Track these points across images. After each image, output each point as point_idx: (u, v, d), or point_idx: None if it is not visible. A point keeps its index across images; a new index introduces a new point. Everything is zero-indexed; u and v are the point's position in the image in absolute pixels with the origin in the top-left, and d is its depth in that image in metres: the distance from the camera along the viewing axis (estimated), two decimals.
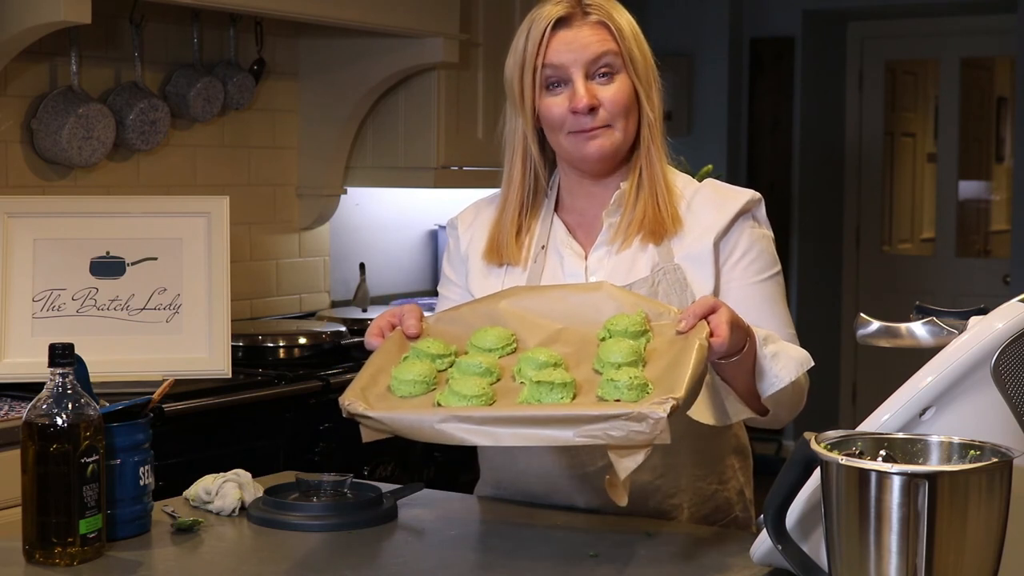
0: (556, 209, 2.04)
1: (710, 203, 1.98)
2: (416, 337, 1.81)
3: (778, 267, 2.00)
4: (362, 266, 4.21)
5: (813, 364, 1.89)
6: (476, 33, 4.09)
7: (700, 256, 1.94)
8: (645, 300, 1.80)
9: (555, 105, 1.95)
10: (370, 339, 1.84)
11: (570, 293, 1.83)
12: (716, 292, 1.94)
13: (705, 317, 1.70)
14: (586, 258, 1.99)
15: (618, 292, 1.81)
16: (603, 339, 1.73)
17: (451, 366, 1.72)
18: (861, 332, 1.71)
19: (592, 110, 1.92)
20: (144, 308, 3.06)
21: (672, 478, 1.96)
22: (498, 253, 2.02)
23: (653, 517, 1.94)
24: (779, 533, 1.49)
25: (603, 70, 1.94)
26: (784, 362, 1.82)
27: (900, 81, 7.05)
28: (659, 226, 1.95)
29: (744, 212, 1.97)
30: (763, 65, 6.28)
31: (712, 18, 6.09)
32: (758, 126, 6.31)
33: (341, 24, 3.60)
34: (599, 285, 1.83)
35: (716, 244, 1.95)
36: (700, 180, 2.06)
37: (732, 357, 1.76)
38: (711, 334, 1.67)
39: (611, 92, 1.94)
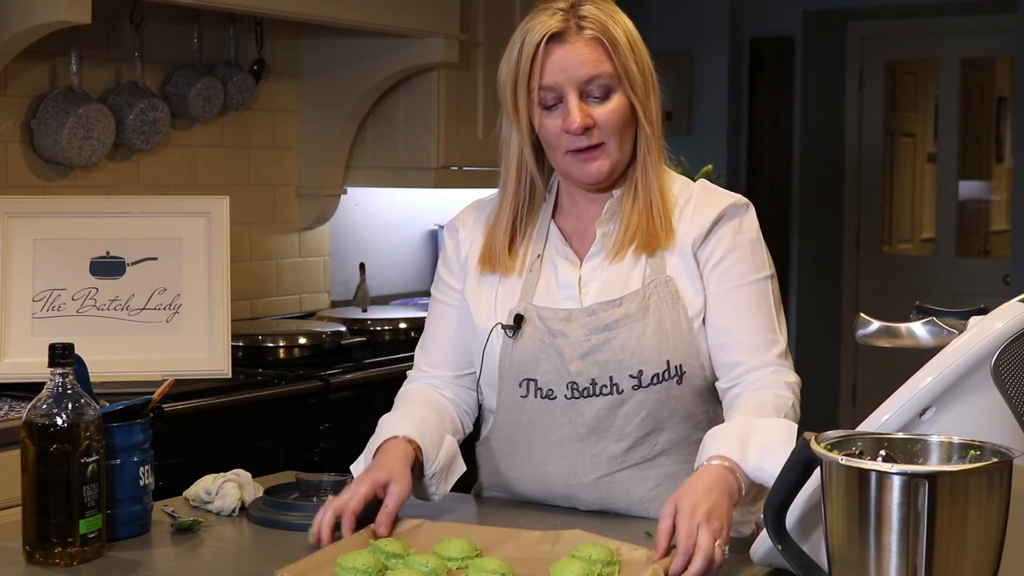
0: (554, 214, 2.03)
1: (695, 208, 1.96)
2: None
3: (764, 272, 1.96)
4: (362, 266, 4.21)
5: (796, 427, 1.83)
6: (476, 33, 4.09)
7: (686, 266, 1.93)
8: (625, 544, 1.71)
9: (550, 125, 1.93)
10: (316, 531, 1.76)
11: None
12: (705, 302, 1.93)
13: (671, 534, 1.65)
14: (580, 267, 1.98)
15: (597, 536, 1.73)
16: None
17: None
18: (861, 332, 1.71)
19: (586, 130, 1.90)
20: (144, 308, 3.06)
21: (669, 487, 1.94)
22: (491, 262, 2.01)
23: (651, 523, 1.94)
24: (779, 533, 1.49)
25: (597, 92, 1.91)
26: (771, 459, 1.73)
27: (900, 81, 7.05)
28: (652, 238, 1.93)
29: (721, 218, 1.95)
30: (763, 65, 6.27)
31: (712, 18, 6.08)
32: (758, 126, 6.31)
33: (341, 24, 3.60)
34: (580, 535, 1.75)
35: (695, 253, 1.94)
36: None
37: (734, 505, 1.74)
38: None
39: (606, 112, 1.91)
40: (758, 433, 1.79)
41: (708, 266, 1.94)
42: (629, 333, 1.89)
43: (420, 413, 1.99)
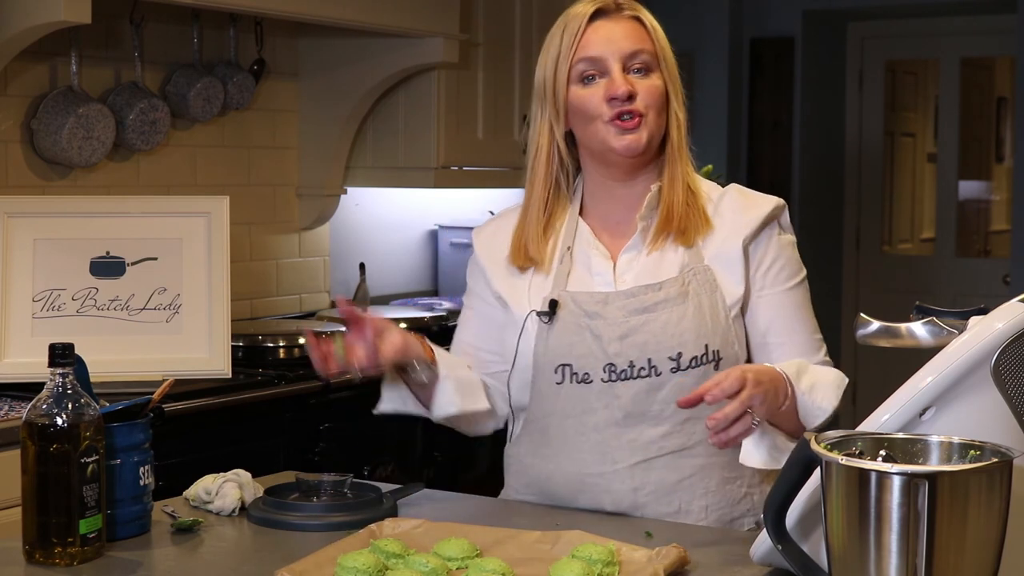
0: (580, 214, 2.05)
1: (738, 206, 2.00)
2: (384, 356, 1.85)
3: (804, 272, 2.04)
4: (362, 266, 4.21)
5: (848, 380, 1.96)
6: (476, 33, 4.09)
7: (730, 258, 1.97)
8: (625, 544, 1.70)
9: (590, 96, 1.96)
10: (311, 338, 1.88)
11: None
12: (746, 295, 1.97)
13: (713, 388, 1.72)
14: (613, 259, 2.00)
15: (597, 536, 1.72)
16: None
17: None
18: (861, 332, 1.71)
19: (630, 97, 1.94)
20: (144, 308, 3.06)
21: (701, 478, 1.96)
22: (524, 252, 2.02)
23: (677, 516, 1.95)
24: (779, 533, 1.49)
25: (638, 65, 1.97)
26: (822, 393, 1.88)
27: (900, 81, 7.05)
28: (690, 227, 1.97)
29: (772, 219, 2.00)
30: (763, 65, 6.28)
31: (712, 18, 6.09)
32: (758, 126, 6.31)
33: (341, 24, 3.60)
34: (580, 535, 1.73)
35: (746, 248, 1.97)
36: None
37: (776, 410, 1.81)
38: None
39: (647, 85, 1.97)
40: (812, 371, 1.90)
41: (761, 268, 1.99)
42: (669, 316, 1.92)
43: (445, 353, 2.07)
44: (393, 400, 2.04)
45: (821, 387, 1.88)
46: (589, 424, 1.95)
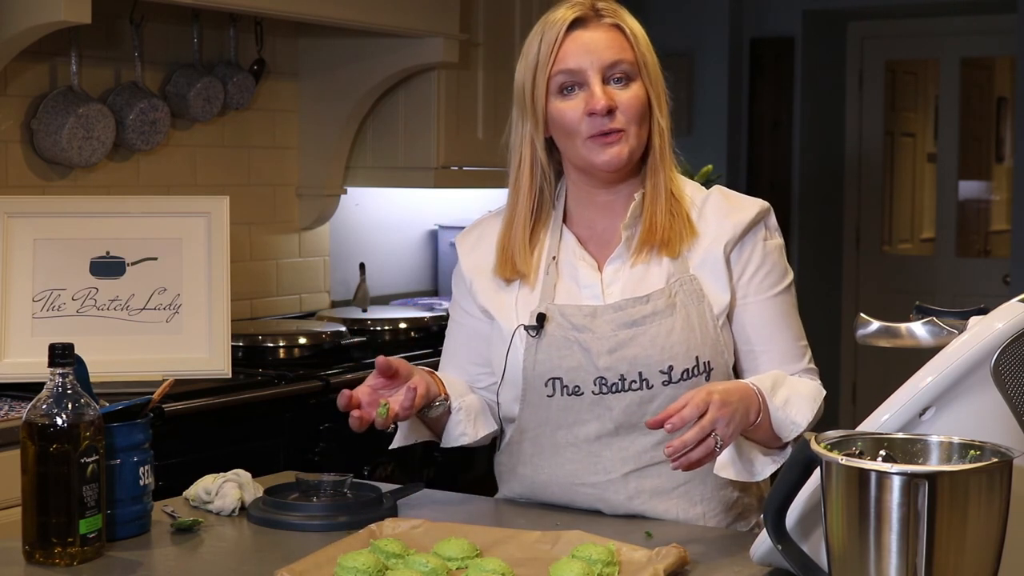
0: (564, 221, 2.03)
1: (720, 211, 1.98)
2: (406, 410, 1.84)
3: (791, 275, 2.02)
4: (362, 266, 4.21)
5: (825, 393, 1.94)
6: (476, 33, 4.09)
7: (713, 265, 1.95)
8: (625, 544, 1.70)
9: (570, 109, 1.94)
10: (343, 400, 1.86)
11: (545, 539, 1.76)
12: (732, 303, 1.95)
13: (700, 417, 1.71)
14: (600, 270, 1.98)
15: (597, 536, 1.72)
16: None
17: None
18: (861, 332, 1.71)
19: (610, 112, 1.92)
20: (144, 308, 3.06)
21: (695, 485, 1.95)
22: (511, 265, 2.00)
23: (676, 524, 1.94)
24: (779, 533, 1.49)
25: (618, 75, 1.93)
26: (797, 406, 1.87)
27: (900, 81, 7.05)
28: (674, 238, 1.95)
29: (755, 223, 1.98)
30: (763, 65, 6.28)
31: (712, 18, 6.08)
32: (758, 126, 6.31)
33: (341, 24, 3.60)
34: (580, 535, 1.73)
35: (728, 254, 1.95)
36: (701, 181, 2.07)
37: (748, 427, 1.80)
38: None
39: (627, 97, 1.93)
40: (789, 384, 1.90)
41: (745, 275, 1.97)
42: (658, 329, 1.90)
43: (446, 377, 2.06)
44: (409, 437, 2.03)
45: (796, 401, 1.87)
46: (580, 435, 1.94)
